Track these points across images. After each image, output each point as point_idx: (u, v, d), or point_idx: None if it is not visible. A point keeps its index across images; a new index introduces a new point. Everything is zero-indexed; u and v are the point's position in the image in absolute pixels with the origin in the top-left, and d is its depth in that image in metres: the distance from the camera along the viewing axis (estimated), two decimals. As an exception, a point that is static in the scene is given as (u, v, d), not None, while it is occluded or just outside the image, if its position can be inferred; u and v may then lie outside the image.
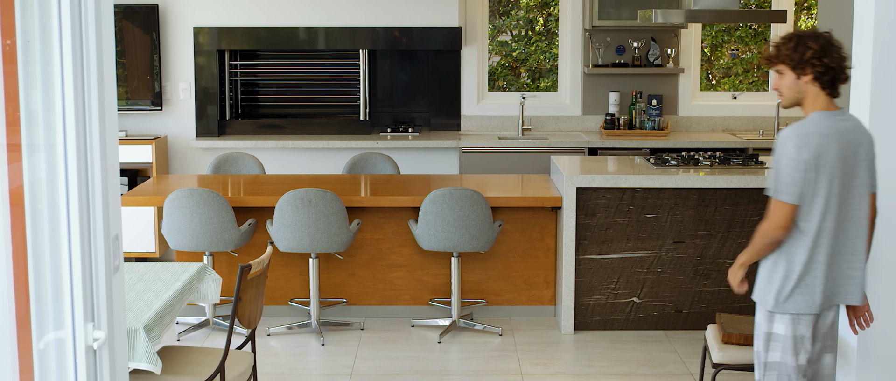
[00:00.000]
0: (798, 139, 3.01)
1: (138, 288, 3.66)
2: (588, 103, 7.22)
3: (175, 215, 5.01)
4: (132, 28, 6.81)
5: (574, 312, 5.27)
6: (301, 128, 7.03)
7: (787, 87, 3.12)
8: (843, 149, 3.05)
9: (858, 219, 3.12)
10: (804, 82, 3.08)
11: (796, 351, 3.15)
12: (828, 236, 3.08)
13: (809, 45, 3.04)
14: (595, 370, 4.74)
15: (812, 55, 3.03)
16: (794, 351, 3.15)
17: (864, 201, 3.13)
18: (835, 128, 3.05)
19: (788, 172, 3.02)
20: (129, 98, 6.88)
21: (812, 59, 3.03)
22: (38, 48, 2.12)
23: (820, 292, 3.12)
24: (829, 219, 3.07)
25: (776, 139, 3.11)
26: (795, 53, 3.06)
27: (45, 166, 2.15)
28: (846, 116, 3.11)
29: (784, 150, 3.03)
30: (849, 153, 3.06)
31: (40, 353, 2.14)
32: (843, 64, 3.06)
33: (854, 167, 3.08)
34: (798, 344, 3.15)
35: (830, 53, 3.04)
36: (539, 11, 8.05)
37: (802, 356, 3.15)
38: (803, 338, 3.14)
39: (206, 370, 3.55)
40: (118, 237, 2.37)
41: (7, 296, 2.05)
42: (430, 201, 4.97)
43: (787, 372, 3.17)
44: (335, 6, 6.82)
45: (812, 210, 3.07)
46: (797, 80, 3.09)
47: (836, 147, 3.04)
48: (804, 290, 3.12)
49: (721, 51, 8.14)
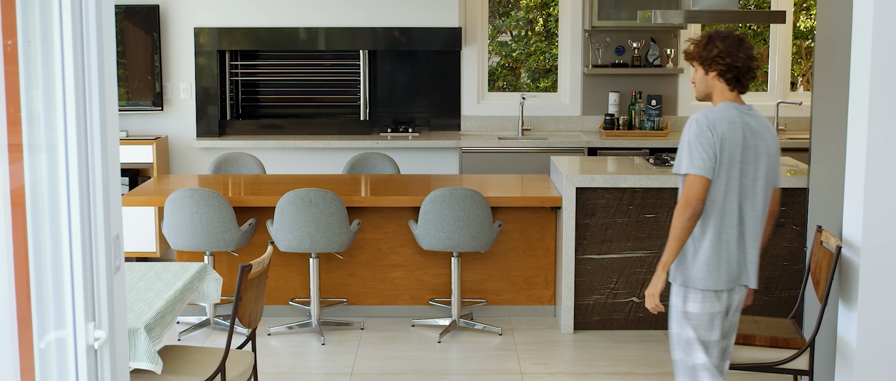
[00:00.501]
0: (707, 121, 3.23)
1: (139, 288, 3.67)
2: (588, 104, 7.23)
3: (176, 214, 5.02)
4: (133, 28, 6.82)
5: (574, 311, 5.28)
6: (301, 128, 7.04)
7: (699, 80, 3.38)
8: (746, 140, 3.26)
9: (757, 208, 3.31)
10: (711, 78, 3.33)
11: (710, 327, 3.32)
12: (733, 218, 3.28)
13: (717, 45, 3.30)
14: (594, 370, 4.75)
15: (718, 54, 3.29)
16: (708, 327, 3.32)
17: (764, 193, 3.32)
18: (740, 119, 3.28)
19: (699, 149, 3.21)
20: (129, 98, 6.89)
21: (717, 58, 3.29)
22: (40, 48, 2.12)
23: (726, 271, 3.30)
24: (731, 201, 3.27)
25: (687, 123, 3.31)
26: (704, 51, 3.32)
27: (47, 166, 2.15)
28: (752, 113, 3.34)
29: (694, 129, 3.24)
30: (750, 145, 3.27)
31: (41, 352, 2.14)
32: (749, 64, 3.31)
33: (755, 159, 3.28)
34: (711, 320, 3.32)
35: (736, 53, 3.28)
36: (539, 12, 8.07)
37: (715, 332, 3.33)
38: (715, 314, 3.31)
39: (206, 370, 3.55)
40: (119, 237, 2.37)
41: (8, 295, 2.04)
42: (430, 201, 4.98)
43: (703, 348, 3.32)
44: (335, 7, 6.83)
45: (717, 190, 3.25)
46: (705, 75, 3.35)
47: (739, 136, 3.25)
48: (714, 267, 3.28)
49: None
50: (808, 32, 8.01)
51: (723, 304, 3.33)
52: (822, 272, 3.88)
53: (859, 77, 3.65)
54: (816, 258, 4.00)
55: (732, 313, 3.41)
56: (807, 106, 7.02)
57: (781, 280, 5.26)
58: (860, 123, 3.65)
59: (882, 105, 3.56)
